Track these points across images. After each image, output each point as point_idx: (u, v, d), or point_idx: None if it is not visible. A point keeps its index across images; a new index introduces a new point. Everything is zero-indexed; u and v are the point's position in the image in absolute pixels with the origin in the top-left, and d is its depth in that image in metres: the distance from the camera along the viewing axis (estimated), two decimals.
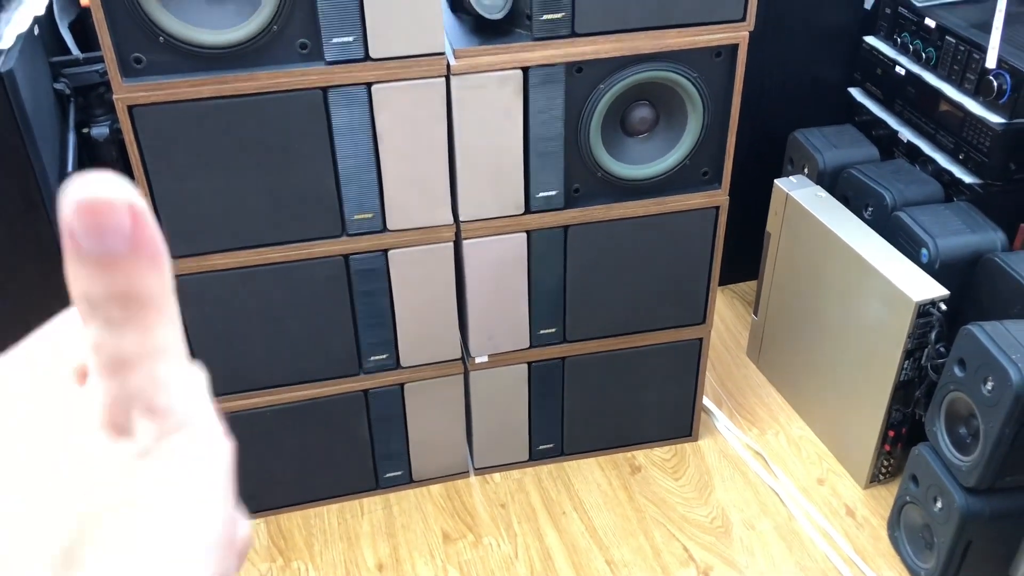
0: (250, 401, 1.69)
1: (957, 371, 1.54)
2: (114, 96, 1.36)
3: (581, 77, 1.51)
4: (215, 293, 1.56)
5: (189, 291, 1.55)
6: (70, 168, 1.61)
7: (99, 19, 1.30)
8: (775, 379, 2.14)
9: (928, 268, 1.71)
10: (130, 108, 1.37)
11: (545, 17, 1.44)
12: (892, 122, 2.04)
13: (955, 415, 1.58)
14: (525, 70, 1.48)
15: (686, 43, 1.50)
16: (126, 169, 1.68)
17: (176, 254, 1.51)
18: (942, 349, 1.68)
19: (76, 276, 0.24)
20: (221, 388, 1.67)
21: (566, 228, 1.65)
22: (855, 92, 2.17)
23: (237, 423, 1.70)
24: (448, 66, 1.44)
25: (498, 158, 1.55)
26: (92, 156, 1.77)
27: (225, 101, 1.40)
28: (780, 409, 2.08)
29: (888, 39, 2.05)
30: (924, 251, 1.73)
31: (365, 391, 1.74)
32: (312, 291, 1.60)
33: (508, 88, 1.49)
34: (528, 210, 1.61)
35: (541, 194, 1.60)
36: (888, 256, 1.75)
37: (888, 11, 2.03)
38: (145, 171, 1.43)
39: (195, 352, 1.61)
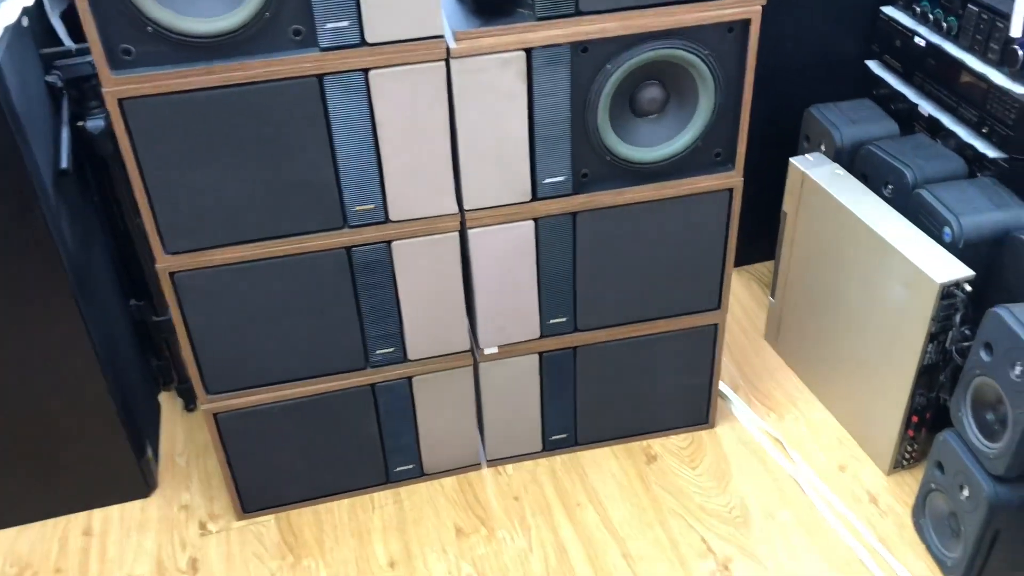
0: (256, 398, 1.65)
1: (983, 355, 1.48)
2: (103, 89, 1.32)
3: (587, 57, 1.45)
4: (215, 289, 1.52)
5: (189, 287, 1.51)
6: (64, 164, 1.57)
7: (83, 9, 1.25)
8: (794, 363, 2.08)
9: (951, 248, 1.65)
10: (120, 101, 1.33)
11: None
12: (912, 95, 1.97)
13: (982, 401, 1.52)
14: (528, 51, 1.42)
15: (696, 19, 1.44)
16: (120, 163, 1.64)
17: (173, 250, 1.47)
18: (967, 332, 1.62)
19: None
20: (226, 385, 1.63)
21: (575, 215, 1.60)
22: (872, 65, 2.09)
23: (244, 420, 1.67)
24: (448, 49, 1.39)
25: (502, 144, 1.50)
26: (88, 150, 1.73)
27: (217, 91, 1.35)
28: (799, 393, 2.03)
29: (907, 8, 1.98)
30: (947, 230, 1.67)
31: (372, 385, 1.70)
32: (314, 285, 1.56)
33: (511, 71, 1.43)
34: (535, 197, 1.56)
35: (548, 180, 1.55)
36: (909, 236, 1.68)
37: None
38: (139, 165, 1.38)
39: (197, 349, 1.58)
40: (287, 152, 1.42)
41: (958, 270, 1.60)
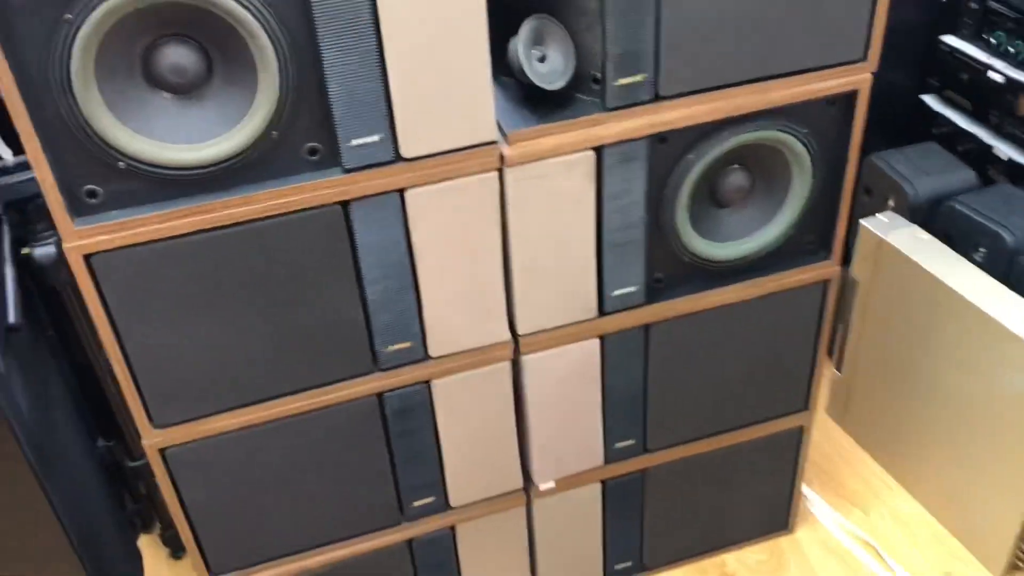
0: (276, 571, 1.35)
1: None
2: (64, 245, 1.00)
3: (665, 148, 1.18)
4: (217, 461, 1.22)
5: (184, 463, 1.20)
6: (12, 319, 1.24)
7: (33, 150, 0.94)
8: (869, 444, 1.84)
9: None
10: (87, 258, 1.01)
11: (621, 82, 1.10)
12: (986, 136, 1.74)
13: None
14: (598, 150, 1.14)
15: (797, 95, 1.18)
16: (83, 311, 1.33)
17: (162, 423, 1.16)
18: None
19: None
20: (236, 563, 1.33)
21: (647, 327, 1.33)
22: (930, 100, 1.86)
23: None
24: (502, 156, 1.10)
25: (564, 257, 1.22)
26: (38, 282, 1.40)
27: (213, 234, 1.04)
28: (881, 482, 1.79)
29: (975, 39, 1.74)
30: None
31: (409, 541, 1.41)
32: (339, 440, 1.26)
33: (577, 173, 1.15)
34: (602, 312, 1.29)
35: (617, 292, 1.27)
36: None
37: (974, 6, 1.72)
38: (115, 331, 1.07)
39: (198, 529, 1.27)
40: (303, 295, 1.12)
41: None
